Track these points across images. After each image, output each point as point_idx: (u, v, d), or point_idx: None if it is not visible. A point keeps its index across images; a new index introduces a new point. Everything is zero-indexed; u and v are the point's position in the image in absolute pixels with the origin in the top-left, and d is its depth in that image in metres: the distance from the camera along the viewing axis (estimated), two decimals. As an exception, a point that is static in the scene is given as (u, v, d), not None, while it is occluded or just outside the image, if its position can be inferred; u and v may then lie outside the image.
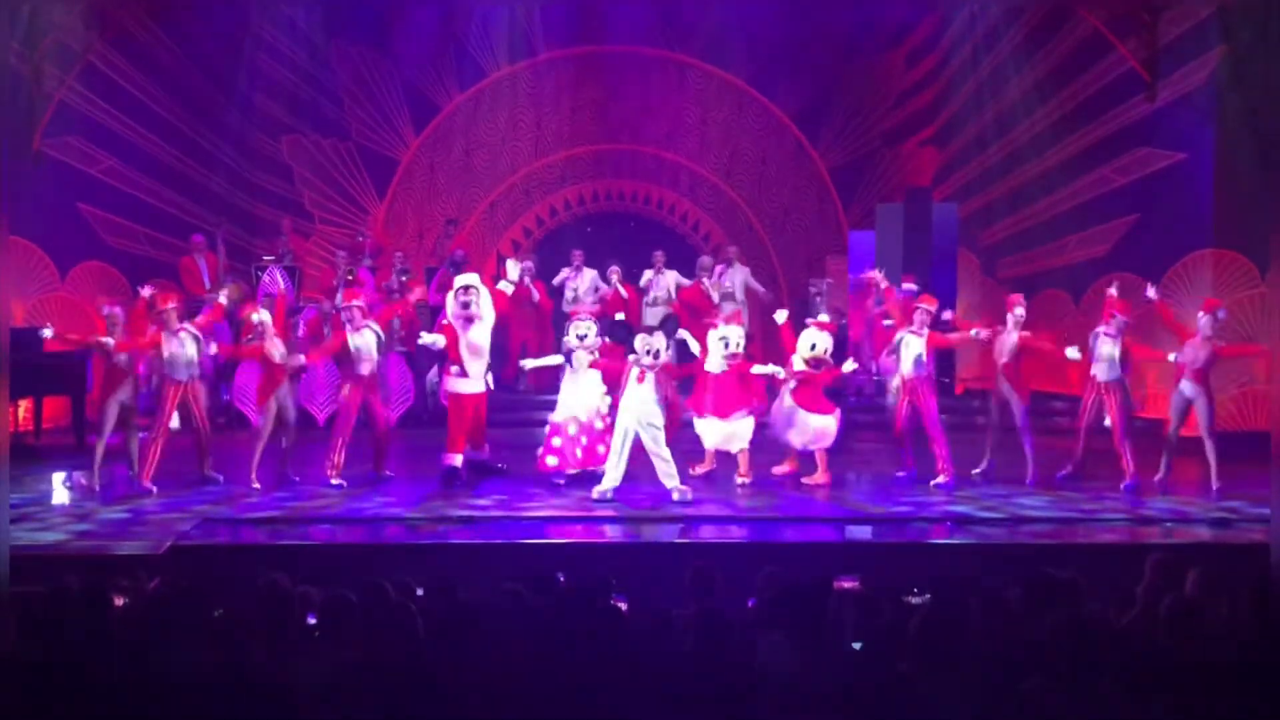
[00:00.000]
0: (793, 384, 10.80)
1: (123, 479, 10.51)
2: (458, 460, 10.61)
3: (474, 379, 10.70)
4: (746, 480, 10.76)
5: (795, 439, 10.91)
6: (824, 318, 11.38)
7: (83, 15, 14.43)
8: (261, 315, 10.61)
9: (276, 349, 10.56)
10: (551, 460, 10.67)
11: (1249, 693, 4.58)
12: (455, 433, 10.63)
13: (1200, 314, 10.80)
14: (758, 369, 11.02)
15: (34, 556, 7.72)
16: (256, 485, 10.41)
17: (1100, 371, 10.77)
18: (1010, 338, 10.92)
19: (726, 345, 10.81)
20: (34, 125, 14.22)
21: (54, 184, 14.38)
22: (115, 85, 14.92)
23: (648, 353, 9.97)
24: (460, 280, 10.85)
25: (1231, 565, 6.60)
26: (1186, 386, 10.71)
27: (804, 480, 10.90)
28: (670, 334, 10.47)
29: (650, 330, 10.47)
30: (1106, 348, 10.74)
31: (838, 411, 10.94)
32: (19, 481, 10.16)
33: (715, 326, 11.15)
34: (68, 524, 9.16)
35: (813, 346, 10.80)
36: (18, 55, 13.24)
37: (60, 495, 10.29)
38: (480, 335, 10.73)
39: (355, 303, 10.76)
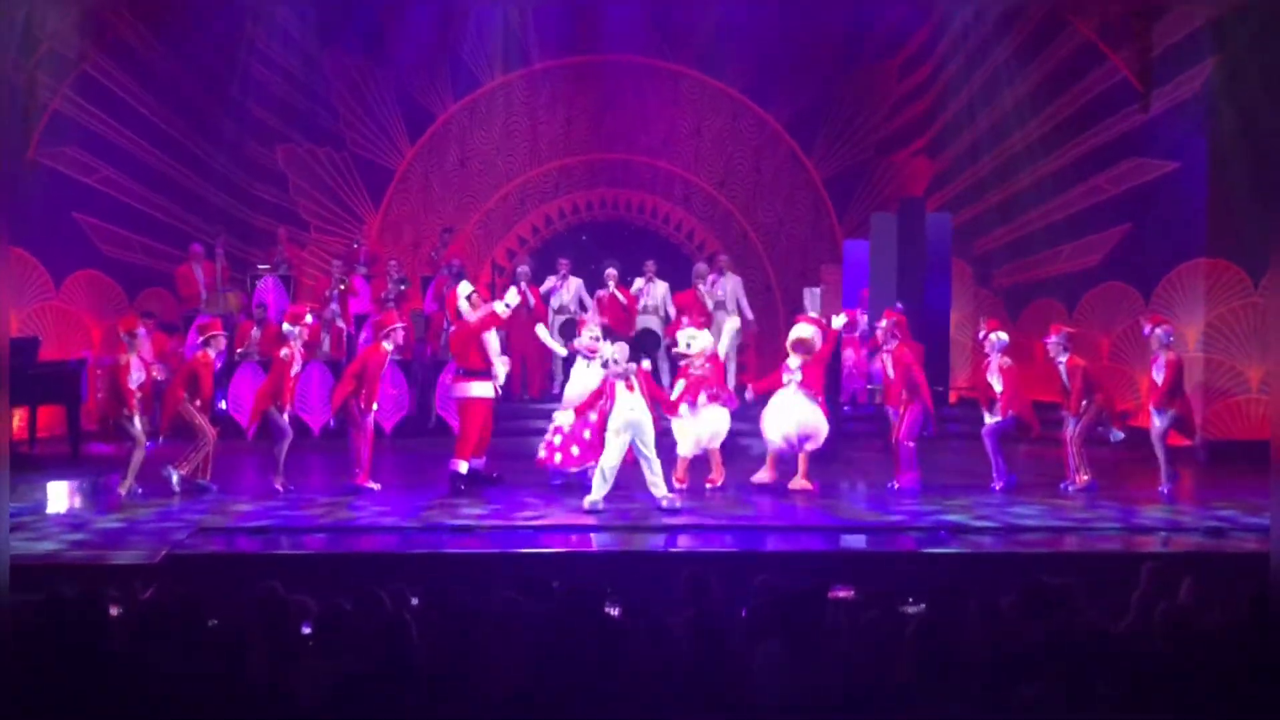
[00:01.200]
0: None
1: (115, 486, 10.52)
2: (463, 467, 10.65)
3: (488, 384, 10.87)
4: (707, 485, 10.90)
5: (775, 438, 10.94)
6: (814, 313, 11.56)
7: (77, 23, 14.42)
8: (302, 320, 10.96)
9: (297, 358, 10.77)
10: (558, 457, 10.76)
11: (1243, 700, 4.59)
12: (468, 439, 10.69)
13: (1148, 332, 11.10)
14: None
15: (29, 566, 7.71)
16: (289, 487, 10.62)
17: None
18: (994, 360, 11.15)
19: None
20: (29, 134, 14.21)
21: (49, 193, 14.35)
22: (110, 94, 14.91)
23: (610, 359, 10.06)
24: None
25: (1226, 574, 6.63)
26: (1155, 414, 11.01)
27: (790, 485, 10.91)
28: (649, 350, 10.49)
29: (613, 340, 10.65)
30: (1061, 367, 11.13)
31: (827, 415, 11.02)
32: (13, 490, 10.12)
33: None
34: (63, 533, 9.15)
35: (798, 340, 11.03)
36: (13, 64, 13.23)
37: (86, 503, 10.32)
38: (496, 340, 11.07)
39: (401, 325, 11.12)
